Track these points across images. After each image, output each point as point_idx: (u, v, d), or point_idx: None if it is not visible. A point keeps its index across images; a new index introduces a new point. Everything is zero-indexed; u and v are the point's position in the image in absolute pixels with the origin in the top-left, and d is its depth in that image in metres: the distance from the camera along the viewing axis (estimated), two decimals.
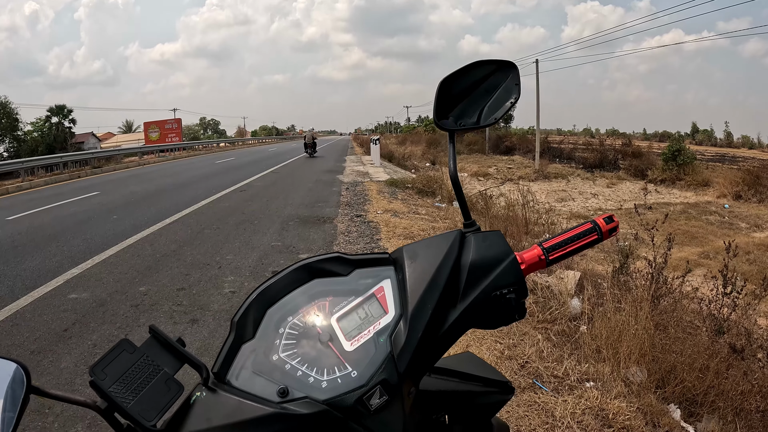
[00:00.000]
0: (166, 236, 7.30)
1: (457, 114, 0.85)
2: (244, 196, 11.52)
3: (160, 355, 0.66)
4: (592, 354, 3.44)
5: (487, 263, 0.74)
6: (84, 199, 12.24)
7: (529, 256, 0.78)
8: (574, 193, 23.14)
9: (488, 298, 0.72)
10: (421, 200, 11.05)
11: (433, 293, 0.70)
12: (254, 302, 0.73)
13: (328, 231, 7.44)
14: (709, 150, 43.82)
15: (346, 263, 0.76)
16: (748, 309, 4.01)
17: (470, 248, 0.75)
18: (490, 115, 0.85)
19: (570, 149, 37.21)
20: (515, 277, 0.74)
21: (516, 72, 0.86)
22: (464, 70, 0.85)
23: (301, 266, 0.76)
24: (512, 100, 0.85)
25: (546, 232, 6.98)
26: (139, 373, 0.64)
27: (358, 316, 0.72)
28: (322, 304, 0.73)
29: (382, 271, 0.76)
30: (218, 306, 4.43)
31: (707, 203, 19.48)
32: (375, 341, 0.69)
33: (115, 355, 0.64)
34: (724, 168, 26.93)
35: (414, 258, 0.75)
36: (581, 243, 0.81)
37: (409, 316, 0.69)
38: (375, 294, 0.73)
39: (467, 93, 0.85)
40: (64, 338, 3.86)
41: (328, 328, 0.71)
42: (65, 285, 5.15)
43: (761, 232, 14.82)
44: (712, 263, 9.54)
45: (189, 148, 45.95)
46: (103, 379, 0.61)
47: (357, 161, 23.78)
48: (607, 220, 0.81)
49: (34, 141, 36.56)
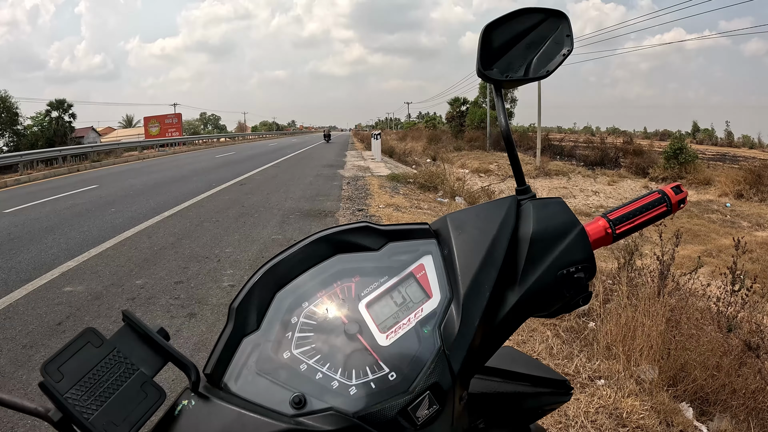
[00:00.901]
0: (165, 229, 7.19)
1: (503, 65, 0.73)
2: (245, 190, 11.42)
3: (135, 351, 0.50)
4: (603, 351, 3.35)
5: (551, 236, 0.62)
6: (82, 192, 12.13)
7: (594, 230, 0.67)
8: (575, 190, 23.12)
9: (554, 277, 0.60)
10: (423, 195, 10.96)
11: (490, 271, 0.58)
12: (259, 284, 0.58)
13: (329, 225, 7.31)
14: (710, 149, 43.77)
15: (377, 235, 0.62)
16: (755, 307, 3.94)
17: (529, 217, 0.63)
18: (541, 67, 0.73)
19: (571, 147, 37.25)
20: (585, 252, 0.62)
21: (567, 22, 0.75)
22: (508, 17, 0.73)
23: (320, 238, 0.61)
24: (564, 53, 0.73)
25: None
26: (106, 373, 0.48)
27: (394, 301, 0.58)
28: (347, 287, 0.58)
29: (422, 245, 0.62)
30: (217, 300, 4.32)
31: (709, 202, 19.45)
32: (418, 333, 0.55)
33: (75, 349, 0.48)
34: (725, 167, 26.92)
35: (462, 229, 0.62)
36: (650, 215, 0.70)
37: (462, 300, 0.56)
38: (414, 273, 0.60)
39: (513, 43, 0.74)
40: (57, 332, 3.75)
41: (355, 316, 0.56)
42: (61, 277, 5.04)
43: (763, 230, 14.80)
44: (716, 261, 9.54)
45: (189, 142, 46.01)
46: (58, 380, 0.46)
47: (358, 156, 23.69)
48: (675, 189, 0.71)
49: (34, 135, 36.45)
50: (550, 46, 0.73)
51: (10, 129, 35.59)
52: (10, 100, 35.40)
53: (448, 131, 45.92)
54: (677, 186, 0.71)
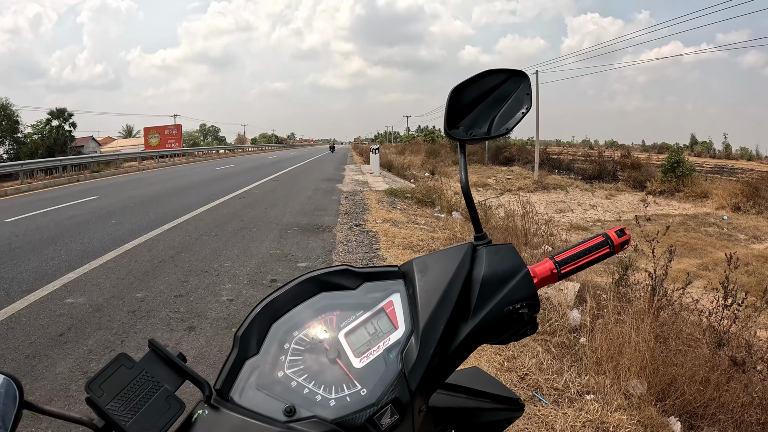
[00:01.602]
0: (164, 242, 7.27)
1: (467, 123, 0.83)
2: (243, 203, 11.51)
3: (159, 371, 0.63)
4: (592, 366, 3.42)
5: (500, 277, 0.72)
6: (83, 203, 12.21)
7: (541, 270, 0.77)
8: (573, 204, 23.19)
9: (501, 313, 0.70)
10: (420, 210, 11.03)
11: (445, 308, 0.68)
12: (258, 316, 0.70)
13: (327, 240, 7.42)
14: (708, 161, 43.91)
15: (355, 276, 0.74)
16: (748, 321, 4.00)
17: (482, 262, 0.74)
18: (502, 125, 0.83)
19: (569, 160, 37.34)
20: (528, 291, 0.72)
21: (527, 81, 0.85)
22: (475, 78, 0.83)
23: (307, 279, 0.74)
24: (524, 110, 0.83)
25: (545, 244, 6.97)
26: (137, 389, 0.60)
27: (367, 331, 0.69)
28: (330, 319, 0.71)
29: (392, 284, 0.74)
30: (215, 314, 4.39)
31: (706, 215, 19.51)
32: (385, 358, 0.67)
33: (112, 371, 0.60)
34: (722, 179, 26.99)
35: (425, 271, 0.73)
36: (594, 256, 0.79)
37: (421, 332, 0.67)
38: (384, 309, 0.71)
39: (478, 102, 0.84)
40: (59, 343, 3.83)
41: (335, 343, 0.68)
42: (62, 289, 5.12)
43: (760, 243, 14.85)
44: (711, 275, 9.54)
45: (188, 154, 46.07)
46: (100, 395, 0.58)
47: (356, 170, 23.81)
48: (619, 233, 0.80)
49: (34, 144, 36.54)
50: (511, 104, 0.84)
51: (10, 137, 35.66)
52: (11, 107, 35.51)
53: (447, 145, 46.10)
54: (621, 230, 0.80)
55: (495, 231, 7.11)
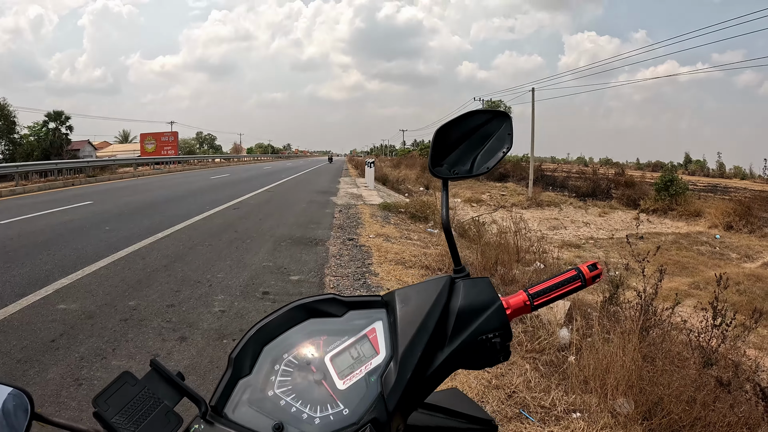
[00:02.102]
0: (158, 250, 7.30)
1: (451, 162, 0.89)
2: (238, 214, 11.54)
3: (160, 388, 0.69)
4: (580, 385, 3.45)
5: (475, 309, 0.78)
6: (77, 208, 12.23)
7: (515, 302, 0.82)
8: (566, 221, 23.24)
9: (474, 341, 0.76)
10: (414, 225, 11.07)
11: (422, 337, 0.74)
12: (252, 339, 0.76)
13: (320, 254, 7.46)
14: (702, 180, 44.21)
15: (341, 304, 0.80)
16: (737, 341, 4.05)
17: (459, 294, 0.79)
18: (483, 164, 0.90)
19: (563, 177, 37.51)
20: (500, 322, 0.77)
21: (509, 122, 0.90)
22: (460, 119, 0.90)
23: (297, 306, 0.79)
24: (504, 150, 0.89)
25: (537, 261, 7.01)
26: (140, 405, 0.66)
27: (351, 355, 0.75)
28: (317, 343, 0.76)
29: (375, 313, 0.79)
30: (207, 325, 4.43)
31: (699, 233, 19.61)
32: (366, 380, 0.72)
33: (117, 387, 0.66)
34: (715, 198, 27.15)
35: (405, 302, 0.78)
36: (565, 290, 0.84)
37: (399, 357, 0.72)
38: (367, 335, 0.77)
39: (461, 141, 0.90)
40: (51, 349, 3.86)
41: (321, 366, 0.73)
42: (55, 294, 5.15)
43: (752, 262, 14.93)
44: (703, 294, 9.59)
45: (184, 162, 46.12)
46: (106, 410, 0.64)
47: (351, 183, 23.89)
48: (590, 267, 0.85)
49: (30, 145, 36.50)
50: (493, 144, 0.90)
51: (7, 137, 35.61)
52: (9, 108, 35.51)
53: None
54: (593, 264, 0.85)
55: (487, 247, 7.12)
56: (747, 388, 3.58)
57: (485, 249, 7.01)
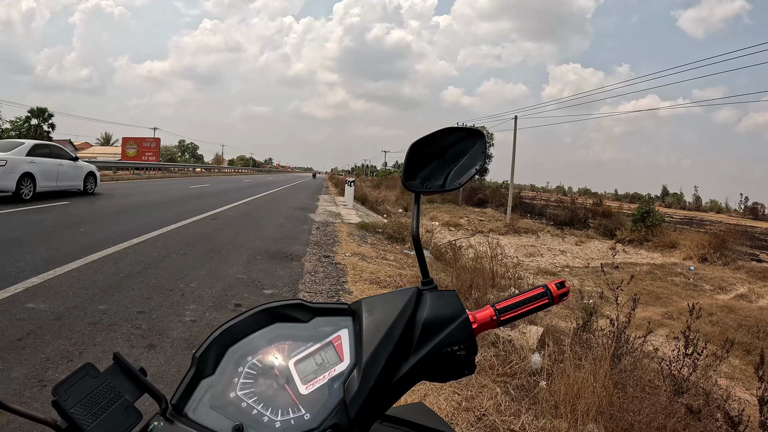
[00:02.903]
0: (132, 256, 7.25)
1: (424, 176, 0.91)
2: (215, 225, 11.48)
3: (122, 383, 0.68)
4: (550, 409, 3.47)
5: (440, 321, 0.78)
6: (53, 207, 12.09)
7: (482, 316, 0.83)
8: (543, 249, 23.46)
9: (439, 353, 0.76)
10: (391, 246, 11.12)
11: (387, 346, 0.74)
12: (216, 339, 0.76)
13: (294, 269, 7.46)
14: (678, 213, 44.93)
15: (308, 310, 0.80)
16: (708, 370, 4.13)
17: (425, 305, 0.80)
18: (455, 179, 0.91)
19: (542, 205, 38.04)
20: (466, 335, 0.78)
21: (483, 140, 0.93)
22: (434, 135, 0.91)
23: (264, 309, 0.80)
24: (477, 168, 0.91)
25: (512, 286, 7.07)
26: (100, 397, 0.66)
27: (315, 361, 0.75)
28: (282, 347, 0.76)
29: (341, 320, 0.80)
30: (177, 333, 4.41)
31: (673, 264, 19.96)
32: (329, 387, 0.72)
33: (78, 378, 0.66)
34: (691, 231, 27.69)
35: (372, 311, 0.79)
36: (532, 306, 0.85)
37: (363, 365, 0.72)
38: (332, 342, 0.77)
39: (435, 157, 0.92)
40: (17, 348, 3.82)
41: (285, 370, 0.74)
42: (24, 293, 5.09)
43: (725, 294, 15.19)
44: (675, 323, 9.76)
45: (165, 169, 45.73)
46: (65, 399, 0.64)
47: (330, 201, 23.88)
48: (558, 285, 0.86)
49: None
50: (466, 161, 0.92)
51: None
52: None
53: None
54: (561, 282, 0.86)
55: (463, 271, 7.16)
56: (718, 416, 3.65)
57: (461, 272, 7.06)
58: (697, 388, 3.86)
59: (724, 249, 20.63)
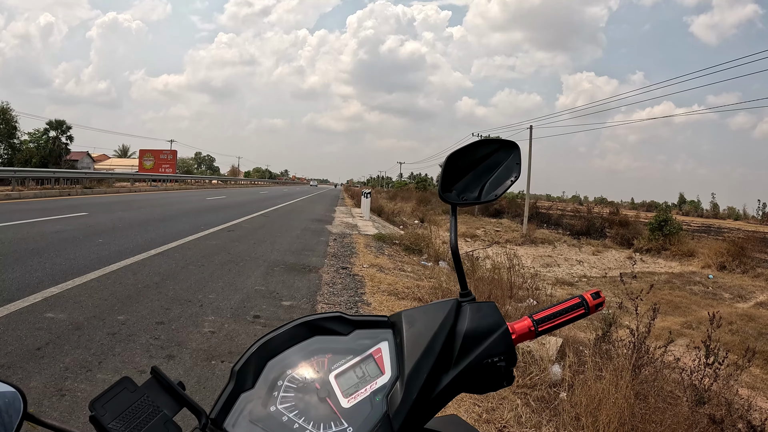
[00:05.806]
0: (150, 267, 7.25)
1: (460, 188, 0.91)
2: (232, 236, 11.50)
3: (160, 396, 0.67)
4: (571, 421, 3.42)
5: (480, 333, 0.78)
6: (72, 218, 12.18)
7: (520, 327, 0.83)
8: (560, 259, 23.30)
9: (480, 365, 0.76)
10: (408, 257, 11.09)
11: (429, 359, 0.74)
12: (255, 353, 0.75)
13: (312, 280, 7.43)
14: (696, 220, 44.56)
15: (347, 323, 0.80)
16: (729, 379, 4.04)
17: (465, 318, 0.80)
18: (491, 191, 0.91)
19: (558, 215, 37.90)
20: (506, 346, 0.78)
21: (518, 152, 0.93)
22: (470, 147, 0.92)
23: (302, 323, 0.79)
24: (512, 179, 0.91)
25: (530, 297, 7.00)
26: (138, 412, 0.64)
27: (356, 374, 0.75)
28: (321, 361, 0.76)
29: (381, 333, 0.80)
30: (196, 344, 4.38)
31: (692, 273, 19.74)
32: (371, 400, 0.72)
33: (115, 392, 0.64)
34: (709, 239, 27.46)
35: (412, 323, 0.78)
36: (569, 317, 0.85)
37: (406, 378, 0.72)
38: (373, 355, 0.77)
39: (470, 168, 0.92)
40: (36, 357, 3.80)
41: (325, 383, 0.73)
42: (43, 303, 5.09)
43: (744, 302, 14.99)
44: (695, 333, 9.59)
45: (181, 181, 46.18)
46: (103, 414, 0.62)
47: (347, 213, 23.93)
48: (594, 295, 0.86)
49: (29, 151, 36.64)
50: (501, 172, 0.92)
51: (7, 141, 35.70)
52: (11, 112, 35.70)
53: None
54: (596, 292, 0.86)
55: (481, 283, 7.12)
56: (740, 426, 3.58)
57: (478, 284, 7.01)
58: (718, 398, 3.79)
59: (742, 257, 20.43)
